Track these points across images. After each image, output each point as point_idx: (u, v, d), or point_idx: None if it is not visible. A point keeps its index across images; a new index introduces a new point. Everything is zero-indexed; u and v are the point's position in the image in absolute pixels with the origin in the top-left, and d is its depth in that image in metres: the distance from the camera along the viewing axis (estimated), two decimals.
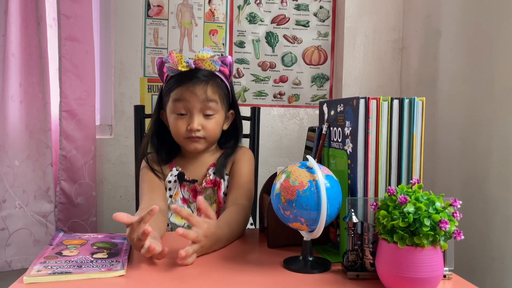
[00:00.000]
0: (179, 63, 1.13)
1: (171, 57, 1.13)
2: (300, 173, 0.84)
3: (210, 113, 1.15)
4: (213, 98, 1.14)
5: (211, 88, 1.14)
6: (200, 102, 1.13)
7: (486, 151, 1.39)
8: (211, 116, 1.16)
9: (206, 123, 1.15)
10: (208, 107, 1.14)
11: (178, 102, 1.14)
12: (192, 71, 1.14)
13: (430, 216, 0.73)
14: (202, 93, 1.13)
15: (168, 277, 0.83)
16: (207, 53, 1.14)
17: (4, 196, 1.60)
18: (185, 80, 1.13)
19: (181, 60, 1.13)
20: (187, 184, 1.19)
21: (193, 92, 1.12)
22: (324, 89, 2.01)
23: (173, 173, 1.20)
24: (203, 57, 1.13)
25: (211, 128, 1.16)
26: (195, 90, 1.12)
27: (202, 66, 1.15)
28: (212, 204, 1.20)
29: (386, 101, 0.87)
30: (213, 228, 0.94)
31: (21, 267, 1.62)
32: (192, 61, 1.14)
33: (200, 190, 1.20)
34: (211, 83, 1.15)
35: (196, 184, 1.19)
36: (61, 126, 1.67)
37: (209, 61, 1.14)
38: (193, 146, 1.17)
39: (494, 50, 1.38)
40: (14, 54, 1.59)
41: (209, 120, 1.15)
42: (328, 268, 0.87)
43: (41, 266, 0.82)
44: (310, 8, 1.97)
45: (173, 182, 1.19)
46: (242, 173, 1.19)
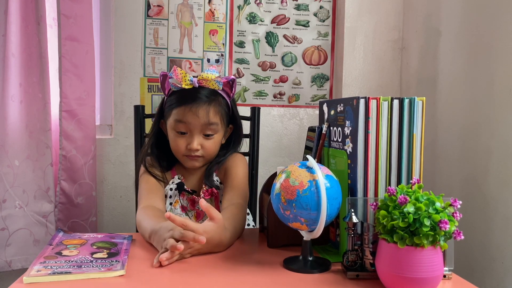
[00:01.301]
0: (183, 80, 1.12)
1: (175, 73, 1.12)
2: (300, 173, 0.84)
3: (210, 133, 1.16)
4: (214, 121, 1.15)
5: (213, 109, 1.14)
6: (201, 124, 1.13)
7: (486, 151, 1.39)
8: (211, 136, 1.16)
9: (205, 143, 1.16)
10: (208, 128, 1.15)
11: (179, 123, 1.14)
12: (195, 90, 1.13)
13: (430, 216, 0.73)
14: (204, 115, 1.12)
15: (167, 277, 0.83)
16: (212, 74, 1.12)
17: (4, 196, 1.60)
18: (188, 100, 1.13)
19: (185, 78, 1.12)
20: (186, 193, 1.21)
21: (195, 114, 1.12)
22: (324, 89, 2.01)
23: (175, 181, 1.21)
24: (208, 78, 1.12)
25: (210, 148, 1.17)
26: (198, 112, 1.12)
27: (206, 85, 1.14)
28: None
29: (386, 101, 0.87)
30: (212, 233, 0.94)
31: (21, 267, 1.62)
32: (196, 80, 1.12)
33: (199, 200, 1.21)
34: (213, 104, 1.14)
35: (195, 196, 1.21)
36: (61, 126, 1.67)
37: (213, 81, 1.13)
38: (191, 163, 1.19)
39: (494, 50, 1.37)
40: (14, 54, 1.59)
41: (208, 140, 1.16)
42: (328, 268, 0.87)
43: (41, 266, 0.82)
44: (310, 8, 1.97)
45: (173, 190, 1.20)
46: (235, 175, 1.20)
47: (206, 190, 1.20)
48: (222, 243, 0.97)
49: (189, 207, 1.21)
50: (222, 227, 0.96)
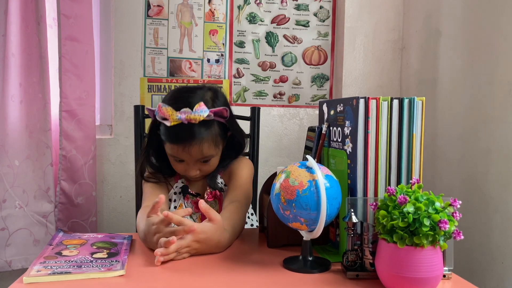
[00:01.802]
0: (170, 118, 1.06)
1: (161, 111, 1.07)
2: (299, 173, 0.84)
3: (207, 160, 1.14)
4: (209, 153, 1.12)
5: (206, 144, 1.10)
6: (196, 159, 1.12)
7: (486, 151, 1.39)
8: (208, 161, 1.15)
9: (203, 167, 1.16)
10: (204, 159, 1.13)
11: (174, 156, 1.13)
12: (185, 127, 1.06)
13: (430, 216, 0.73)
14: (197, 153, 1.09)
15: (167, 277, 0.83)
16: (201, 115, 1.05)
17: (4, 196, 1.60)
18: (179, 139, 1.08)
19: (173, 116, 1.05)
20: (190, 196, 1.21)
21: (188, 153, 1.09)
22: (324, 89, 2.01)
23: (178, 185, 1.21)
24: (196, 119, 1.05)
25: (209, 169, 1.18)
26: (190, 151, 1.09)
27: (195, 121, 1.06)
28: None
29: (386, 101, 0.87)
30: (210, 233, 0.94)
31: (21, 267, 1.62)
32: (184, 117, 1.05)
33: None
34: (206, 139, 1.09)
35: (199, 198, 1.21)
36: (61, 126, 1.67)
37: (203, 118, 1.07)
38: (191, 178, 1.19)
39: (494, 50, 1.37)
40: (14, 54, 1.59)
41: (206, 165, 1.15)
42: (328, 268, 0.87)
43: (40, 266, 0.82)
44: (310, 8, 1.97)
45: (177, 194, 1.20)
46: (239, 176, 1.20)
47: (210, 192, 1.21)
48: (221, 244, 0.97)
49: (194, 210, 1.21)
50: (221, 228, 0.97)
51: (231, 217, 1.06)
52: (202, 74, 1.91)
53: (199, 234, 0.92)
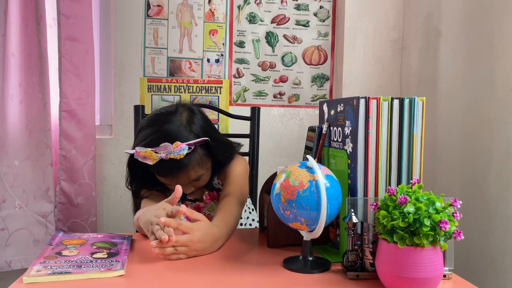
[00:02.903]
0: (151, 158, 1.04)
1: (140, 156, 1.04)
2: (300, 173, 0.84)
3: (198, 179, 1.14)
4: (197, 175, 1.12)
5: (193, 171, 1.09)
6: (186, 184, 1.12)
7: (486, 151, 1.39)
8: (200, 179, 1.15)
9: (196, 184, 1.16)
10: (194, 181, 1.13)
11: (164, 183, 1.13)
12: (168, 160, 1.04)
13: (430, 216, 0.73)
14: (185, 179, 1.10)
15: (167, 277, 0.83)
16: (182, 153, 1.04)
17: (4, 196, 1.60)
18: (165, 173, 1.08)
19: (153, 157, 1.03)
20: (189, 203, 1.22)
21: (177, 182, 1.09)
22: (324, 89, 2.01)
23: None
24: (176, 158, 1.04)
25: (202, 184, 1.18)
26: (179, 181, 1.09)
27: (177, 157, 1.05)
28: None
29: (386, 101, 0.87)
30: (204, 229, 0.95)
31: (21, 267, 1.62)
32: (165, 156, 1.03)
33: (203, 206, 1.23)
34: (191, 165, 1.08)
35: (198, 202, 1.22)
36: (61, 126, 1.66)
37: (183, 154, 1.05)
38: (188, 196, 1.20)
39: (494, 50, 1.37)
40: (14, 54, 1.59)
41: (198, 182, 1.15)
42: (328, 268, 0.87)
43: (40, 266, 0.82)
44: (310, 8, 1.97)
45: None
46: (232, 172, 1.21)
47: (208, 194, 1.21)
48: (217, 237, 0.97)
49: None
50: (210, 224, 0.98)
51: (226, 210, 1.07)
52: (202, 74, 1.91)
53: (194, 231, 0.92)
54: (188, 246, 0.92)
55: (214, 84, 1.91)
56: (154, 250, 0.89)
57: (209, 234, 0.95)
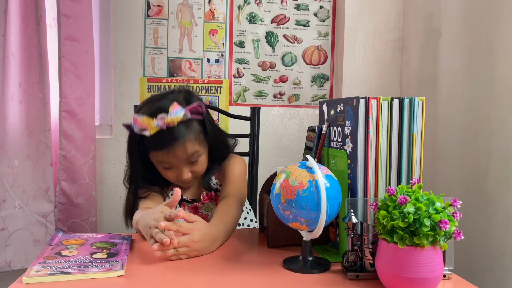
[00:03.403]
0: (148, 127, 1.06)
1: (137, 123, 1.07)
2: (299, 173, 0.84)
3: (195, 160, 1.14)
4: (195, 150, 1.12)
5: (189, 143, 1.10)
6: (183, 159, 1.12)
7: (486, 151, 1.39)
8: (197, 161, 1.15)
9: (194, 168, 1.16)
10: (191, 158, 1.13)
11: (162, 163, 1.13)
12: (165, 132, 1.07)
13: (430, 216, 0.73)
14: (182, 152, 1.10)
15: (167, 277, 0.83)
16: (177, 116, 1.07)
17: (4, 196, 1.60)
18: (161, 145, 1.09)
19: (151, 125, 1.06)
20: (186, 203, 1.22)
21: (174, 155, 1.10)
22: (324, 89, 2.01)
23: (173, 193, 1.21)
24: (173, 121, 1.07)
25: (200, 170, 1.18)
26: (176, 153, 1.09)
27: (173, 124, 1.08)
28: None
29: (386, 101, 0.87)
30: (205, 229, 0.95)
31: (21, 267, 1.62)
32: (162, 123, 1.06)
33: (200, 206, 1.22)
34: (188, 137, 1.10)
35: (196, 203, 1.22)
36: (61, 126, 1.66)
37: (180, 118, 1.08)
38: (184, 185, 1.20)
39: (494, 50, 1.37)
40: (14, 54, 1.59)
41: (196, 165, 1.15)
42: (328, 268, 0.87)
43: (40, 266, 0.82)
44: (310, 8, 1.97)
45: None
46: (231, 173, 1.22)
47: (206, 194, 1.21)
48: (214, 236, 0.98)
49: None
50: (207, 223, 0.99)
51: (225, 211, 1.08)
52: (202, 74, 1.91)
53: (194, 232, 0.93)
54: (189, 247, 0.92)
55: (214, 84, 1.91)
56: (155, 253, 0.89)
57: (208, 234, 0.96)
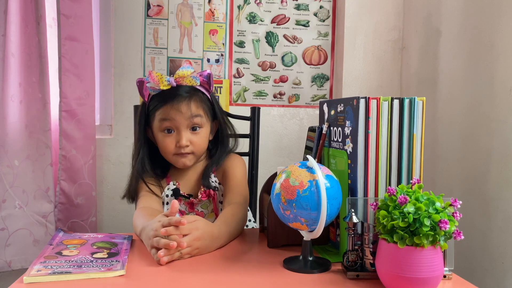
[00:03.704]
0: (160, 82, 1.13)
1: (151, 77, 1.13)
2: (300, 173, 0.84)
3: (196, 127, 1.17)
4: (198, 113, 1.16)
5: (194, 103, 1.15)
6: (186, 118, 1.14)
7: (486, 151, 1.39)
8: (198, 130, 1.17)
9: (193, 138, 1.17)
10: (194, 122, 1.16)
11: (164, 121, 1.15)
12: (174, 89, 1.15)
13: (430, 216, 0.73)
14: (186, 109, 1.14)
15: (167, 277, 0.83)
16: (187, 70, 1.15)
17: (4, 196, 1.60)
18: (168, 99, 1.14)
19: (162, 79, 1.13)
20: (183, 198, 1.21)
21: (178, 110, 1.13)
22: (324, 89, 2.01)
23: (170, 187, 1.21)
24: (184, 75, 1.14)
25: (199, 143, 1.18)
26: (180, 108, 1.13)
27: (183, 83, 1.15)
28: (210, 213, 1.23)
29: (386, 101, 0.87)
30: (205, 228, 0.95)
31: (21, 267, 1.62)
32: (173, 79, 1.14)
33: (197, 202, 1.22)
34: (194, 98, 1.16)
35: (192, 199, 1.21)
36: (61, 126, 1.66)
37: (190, 77, 1.15)
38: (181, 162, 1.19)
39: (494, 50, 1.38)
40: (14, 54, 1.59)
41: (196, 135, 1.17)
42: (328, 268, 0.87)
43: (41, 266, 0.82)
44: (310, 8, 1.97)
45: (170, 196, 1.21)
46: (234, 176, 1.21)
47: (204, 191, 1.21)
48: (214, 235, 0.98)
49: (188, 210, 1.22)
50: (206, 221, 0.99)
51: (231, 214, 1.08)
52: None
53: (194, 231, 0.93)
54: (191, 246, 0.92)
55: (214, 84, 1.91)
56: (162, 259, 0.87)
57: (208, 232, 0.96)
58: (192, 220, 0.95)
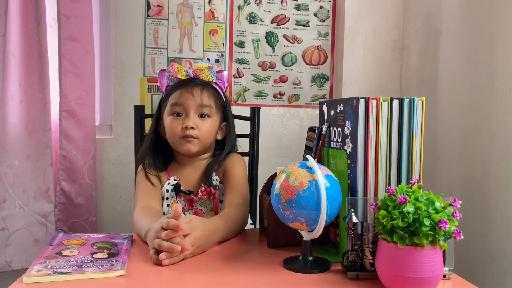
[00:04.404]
0: (179, 72, 1.21)
1: (172, 67, 1.21)
2: (300, 173, 0.84)
3: (205, 115, 1.19)
4: (208, 103, 1.19)
5: (207, 92, 1.20)
6: (196, 104, 1.17)
7: (486, 151, 1.39)
8: (206, 118, 1.19)
9: (200, 124, 1.18)
10: (203, 110, 1.19)
11: (175, 106, 1.18)
12: (190, 79, 1.22)
13: (430, 216, 0.73)
14: (198, 95, 1.18)
15: (167, 277, 0.83)
16: (205, 63, 1.23)
17: (4, 196, 1.60)
18: (183, 85, 1.20)
19: (181, 70, 1.21)
20: (183, 194, 1.21)
21: (191, 93, 1.18)
22: (324, 89, 2.01)
23: (171, 182, 1.21)
24: (201, 67, 1.21)
25: (205, 129, 1.19)
26: (192, 92, 1.18)
27: (200, 76, 1.22)
28: (209, 212, 1.22)
29: (386, 101, 0.87)
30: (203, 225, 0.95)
31: (21, 267, 1.62)
32: (191, 71, 1.21)
33: (196, 200, 1.22)
34: (207, 88, 1.21)
35: (193, 196, 1.21)
36: (61, 126, 1.67)
37: (207, 72, 1.22)
38: (186, 147, 1.18)
39: (494, 50, 1.38)
40: (14, 54, 1.59)
41: (204, 121, 1.19)
42: (328, 268, 0.87)
43: (41, 266, 0.82)
44: (310, 8, 1.97)
45: (170, 192, 1.20)
46: (235, 176, 1.21)
47: (205, 189, 1.20)
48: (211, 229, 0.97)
49: (187, 207, 1.22)
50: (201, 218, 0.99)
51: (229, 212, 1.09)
52: None
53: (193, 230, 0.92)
54: (193, 246, 0.92)
55: None
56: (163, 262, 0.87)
57: (207, 229, 0.96)
58: (188, 220, 0.94)
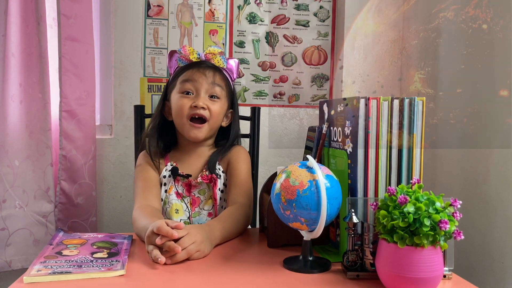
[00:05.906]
0: (190, 54, 1.20)
1: (184, 49, 1.20)
2: (300, 173, 0.84)
3: (215, 95, 1.19)
4: (220, 83, 1.20)
5: (218, 75, 1.20)
6: (208, 83, 1.18)
7: (486, 151, 1.39)
8: (216, 99, 1.19)
9: (211, 105, 1.18)
10: (214, 90, 1.19)
11: (186, 82, 1.18)
12: (202, 61, 1.21)
13: (430, 216, 0.73)
14: (211, 75, 1.19)
15: (167, 277, 0.83)
16: (218, 48, 1.22)
17: (4, 196, 1.60)
18: (195, 65, 1.20)
19: (193, 52, 1.20)
20: (181, 178, 1.19)
21: (203, 73, 1.18)
22: (324, 89, 2.01)
23: (168, 168, 1.20)
24: (214, 51, 1.21)
25: (215, 111, 1.19)
26: (205, 72, 1.18)
27: (212, 60, 1.21)
28: (208, 200, 1.20)
29: (386, 101, 0.87)
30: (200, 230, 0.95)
31: (21, 267, 1.62)
32: (203, 54, 1.21)
33: (195, 184, 1.20)
34: (219, 71, 1.22)
35: (191, 179, 1.19)
36: (61, 126, 1.66)
37: (219, 57, 1.21)
38: (193, 133, 1.18)
39: (494, 50, 1.38)
40: (14, 54, 1.59)
41: (214, 102, 1.19)
42: (328, 268, 0.87)
43: (41, 266, 0.82)
44: (310, 8, 1.97)
45: (167, 177, 1.20)
46: (239, 172, 1.20)
47: (206, 175, 1.19)
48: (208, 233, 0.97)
49: (185, 193, 1.20)
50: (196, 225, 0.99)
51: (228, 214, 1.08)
52: None
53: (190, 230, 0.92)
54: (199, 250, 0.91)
55: None
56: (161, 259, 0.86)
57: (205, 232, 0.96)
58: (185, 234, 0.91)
